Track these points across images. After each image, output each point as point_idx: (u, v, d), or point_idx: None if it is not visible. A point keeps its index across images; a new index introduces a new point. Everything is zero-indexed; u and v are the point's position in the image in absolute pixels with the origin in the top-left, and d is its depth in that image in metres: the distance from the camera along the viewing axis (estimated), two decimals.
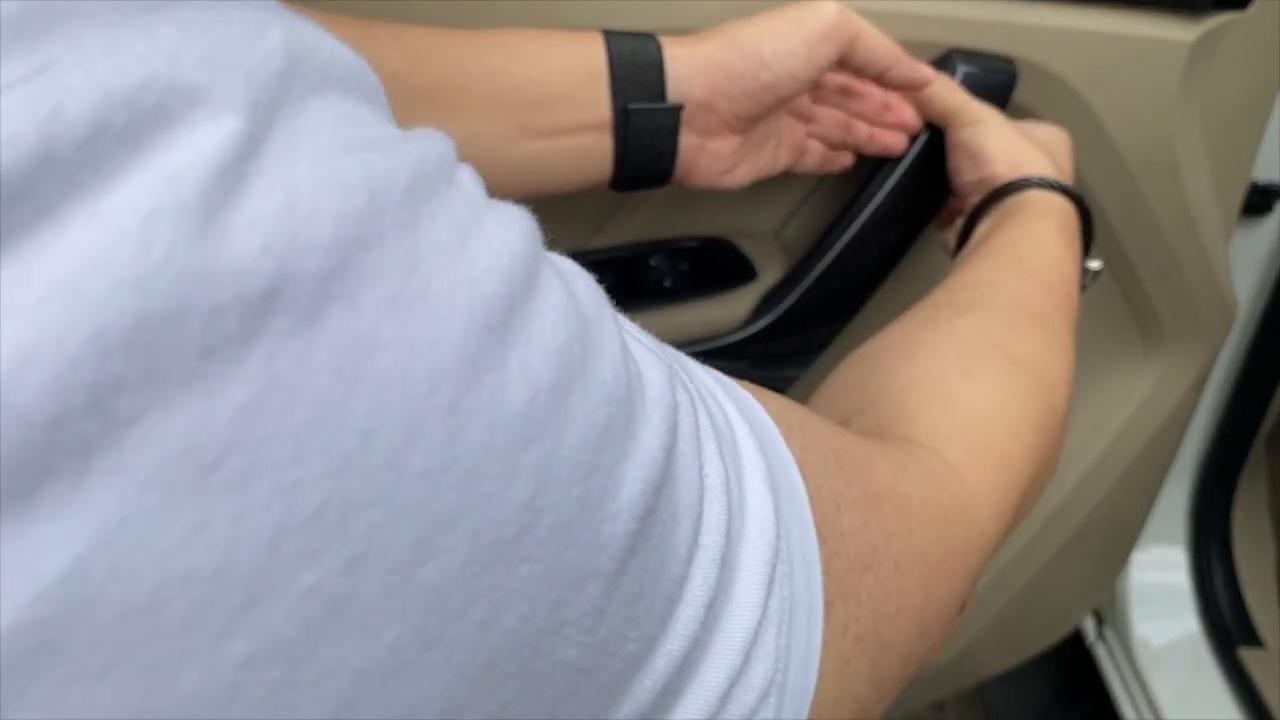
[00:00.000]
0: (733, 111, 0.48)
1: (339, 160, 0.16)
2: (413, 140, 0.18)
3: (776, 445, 0.25)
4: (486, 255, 0.17)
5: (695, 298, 0.60)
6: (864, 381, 0.39)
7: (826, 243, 0.58)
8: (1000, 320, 0.41)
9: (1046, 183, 0.51)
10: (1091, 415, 0.81)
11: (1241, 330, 0.94)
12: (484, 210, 0.18)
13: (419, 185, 0.17)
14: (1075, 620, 1.00)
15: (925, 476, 0.31)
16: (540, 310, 0.18)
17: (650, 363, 0.21)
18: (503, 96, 0.44)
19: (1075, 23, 0.59)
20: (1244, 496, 1.04)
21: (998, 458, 0.35)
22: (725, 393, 0.25)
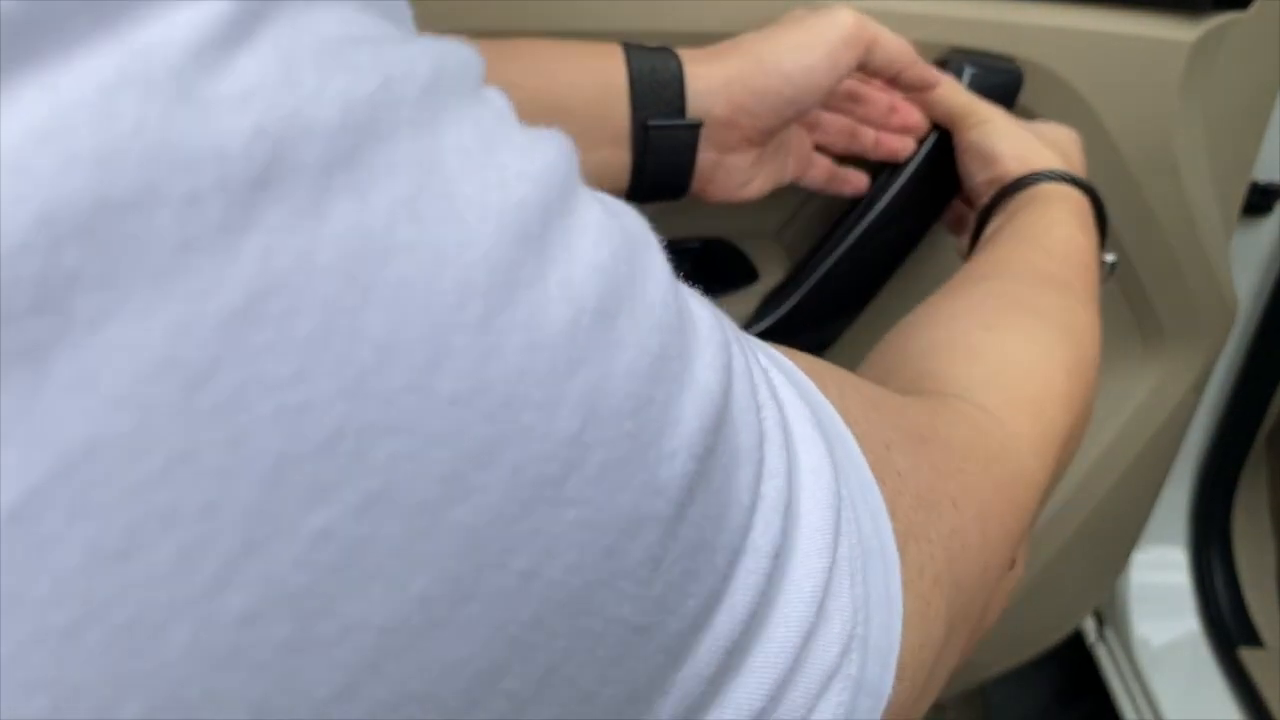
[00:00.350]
0: (755, 126, 0.48)
1: (349, 48, 0.14)
2: (434, 42, 0.16)
3: (815, 394, 0.24)
4: (518, 162, 0.16)
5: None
6: (883, 354, 0.38)
7: (829, 244, 0.58)
8: (1018, 286, 0.41)
9: (1057, 175, 0.51)
10: (1092, 415, 0.80)
11: (1242, 330, 0.94)
12: (513, 125, 0.17)
13: (440, 82, 0.15)
14: (1076, 621, 1.00)
15: (961, 420, 0.31)
16: (580, 226, 0.16)
17: (697, 301, 0.20)
18: (519, 109, 0.43)
19: (1076, 22, 0.59)
20: (1244, 497, 1.04)
21: (1031, 403, 0.34)
22: (749, 340, 0.24)
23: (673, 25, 0.51)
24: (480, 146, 0.15)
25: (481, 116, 0.16)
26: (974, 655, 0.94)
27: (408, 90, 0.14)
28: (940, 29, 0.57)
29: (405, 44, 0.15)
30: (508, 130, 0.17)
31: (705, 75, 0.46)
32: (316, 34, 0.14)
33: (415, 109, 0.15)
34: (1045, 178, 0.51)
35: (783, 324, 0.59)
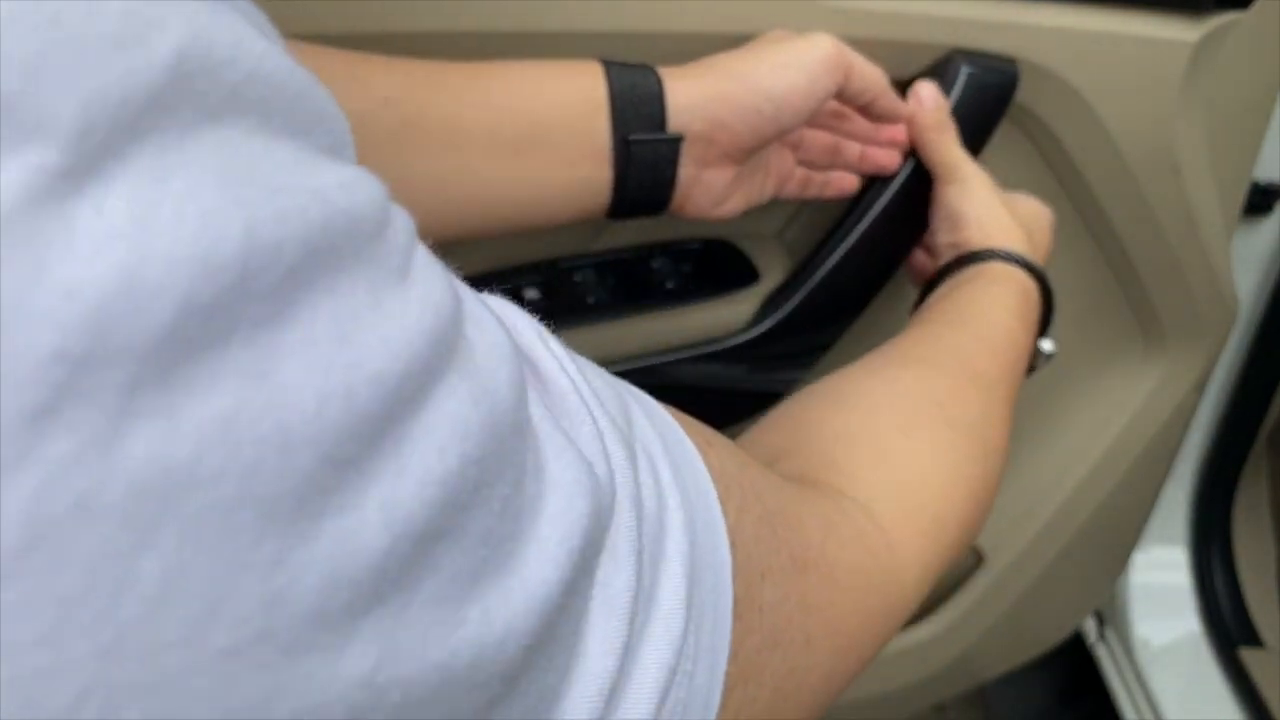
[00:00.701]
0: (734, 143, 0.48)
1: (217, 218, 0.13)
2: (325, 194, 0.15)
3: (710, 513, 0.24)
4: (375, 356, 0.14)
5: (697, 300, 0.60)
6: (798, 422, 0.38)
7: (830, 244, 0.58)
8: (943, 380, 0.41)
9: (1011, 257, 0.51)
10: (1093, 416, 0.80)
11: (1243, 330, 0.94)
12: (392, 285, 0.15)
13: (315, 254, 0.14)
14: (1076, 621, 1.00)
15: (854, 539, 0.31)
16: (430, 427, 0.15)
17: (564, 464, 0.18)
18: (498, 128, 0.43)
19: (1077, 23, 0.59)
20: (1245, 496, 1.04)
21: (929, 522, 0.35)
22: (666, 450, 0.23)
23: (646, 25, 0.51)
24: (333, 336, 0.14)
25: (352, 288, 0.15)
26: (975, 657, 0.94)
27: (266, 278, 0.13)
28: (941, 29, 0.57)
29: (287, 205, 0.14)
30: (379, 295, 0.15)
31: (685, 91, 0.46)
32: (179, 198, 0.12)
33: (266, 302, 0.13)
34: (1000, 257, 0.51)
35: (784, 325, 0.59)
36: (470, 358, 0.17)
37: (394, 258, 0.16)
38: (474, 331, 0.18)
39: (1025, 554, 0.84)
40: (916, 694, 0.91)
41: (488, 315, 0.19)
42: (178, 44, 0.13)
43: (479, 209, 0.44)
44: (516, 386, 0.18)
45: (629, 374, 0.58)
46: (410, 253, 0.17)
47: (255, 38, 0.15)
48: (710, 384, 0.61)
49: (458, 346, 0.17)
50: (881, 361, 0.43)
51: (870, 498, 0.33)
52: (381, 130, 0.40)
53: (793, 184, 0.56)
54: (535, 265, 0.59)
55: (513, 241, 0.58)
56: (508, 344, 0.19)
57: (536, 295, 0.58)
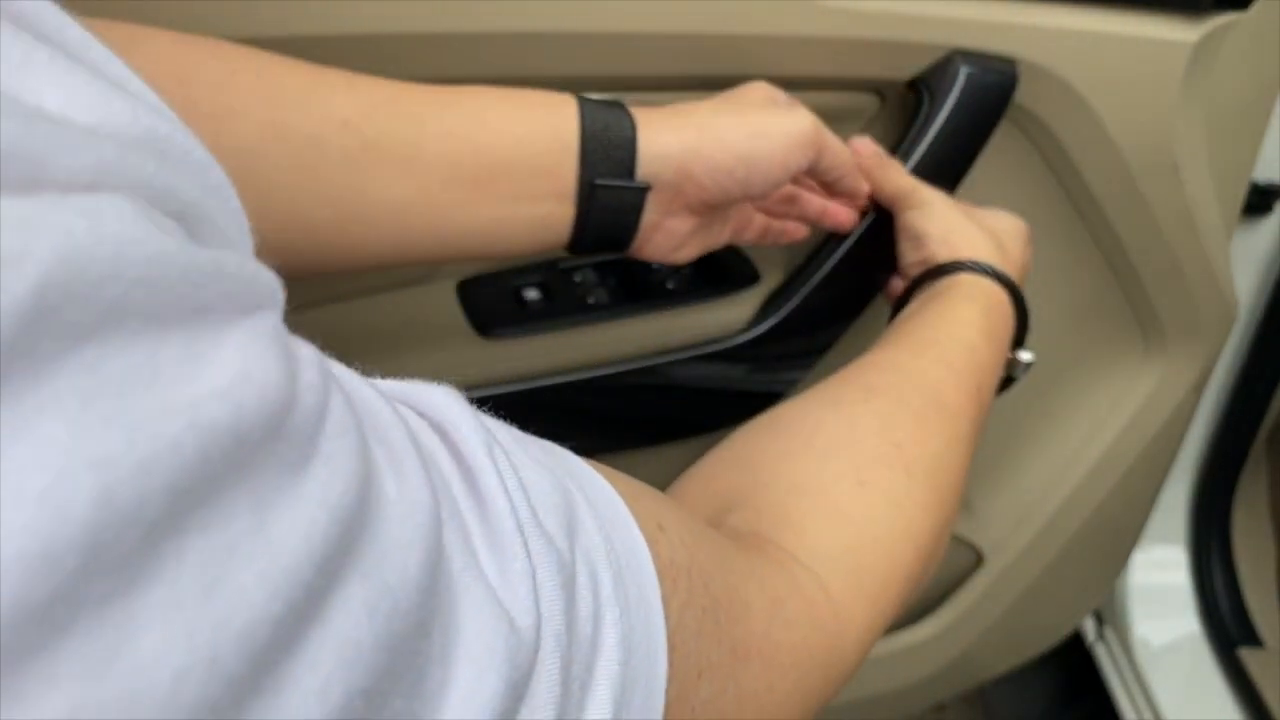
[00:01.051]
0: (699, 197, 0.48)
1: (60, 492, 0.12)
2: (206, 412, 0.14)
3: (650, 622, 0.24)
4: (248, 603, 0.13)
5: (698, 301, 0.60)
6: (755, 462, 0.38)
7: (830, 246, 0.58)
8: (905, 416, 0.41)
9: (979, 267, 0.51)
10: (1092, 416, 0.81)
11: (1242, 330, 0.94)
12: (284, 490, 0.15)
13: (179, 502, 0.13)
14: (1076, 621, 1.00)
15: (801, 615, 0.31)
16: (313, 664, 0.14)
17: (481, 626, 0.18)
18: (459, 159, 0.42)
19: (1076, 23, 0.59)
20: (1244, 496, 1.05)
21: (877, 585, 0.35)
22: (610, 554, 0.23)
23: (644, 26, 0.51)
24: (200, 588, 0.13)
25: (230, 521, 0.14)
26: (975, 656, 0.94)
27: (120, 546, 0.12)
28: (940, 30, 0.57)
29: (167, 415, 0.13)
30: (265, 515, 0.14)
31: (659, 140, 0.45)
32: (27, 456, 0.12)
33: (119, 572, 0.12)
34: (966, 268, 0.51)
35: (783, 326, 0.60)
36: (375, 549, 0.16)
37: (291, 452, 0.15)
38: (388, 500, 0.17)
39: (1025, 554, 0.84)
40: (916, 693, 0.92)
41: (412, 460, 0.19)
42: (39, 279, 0.12)
43: (435, 238, 0.43)
44: (428, 569, 0.17)
45: (629, 374, 0.59)
46: (317, 431, 0.16)
47: (146, 237, 0.14)
48: (710, 384, 0.61)
49: (360, 542, 0.16)
50: (844, 393, 0.42)
51: (819, 560, 0.34)
52: (339, 153, 0.40)
53: (752, 231, 0.55)
54: (535, 265, 0.59)
55: None
56: (426, 506, 0.18)
57: (536, 295, 0.59)
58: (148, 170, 0.15)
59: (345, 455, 0.16)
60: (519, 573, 0.20)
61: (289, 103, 0.39)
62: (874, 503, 0.37)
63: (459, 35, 0.48)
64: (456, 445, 0.21)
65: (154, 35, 0.38)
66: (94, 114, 0.15)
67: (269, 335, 0.16)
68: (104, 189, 0.14)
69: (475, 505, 0.21)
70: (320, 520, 0.15)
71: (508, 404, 0.57)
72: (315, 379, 0.16)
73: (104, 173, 0.14)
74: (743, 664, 0.28)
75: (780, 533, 0.34)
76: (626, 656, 0.23)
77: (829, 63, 0.56)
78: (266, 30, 0.44)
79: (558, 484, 0.23)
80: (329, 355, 0.19)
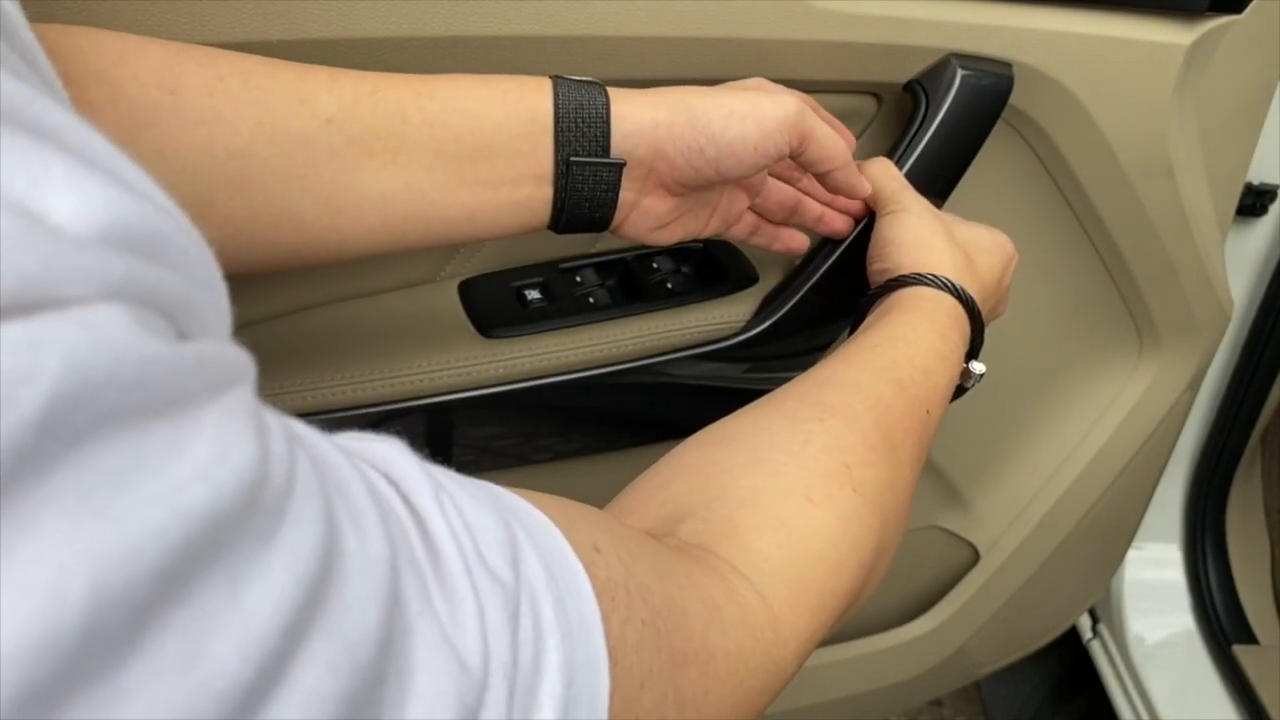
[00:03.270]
0: (672, 177, 0.48)
1: (60, 583, 0.13)
2: (188, 495, 0.15)
3: (591, 644, 0.25)
4: (226, 670, 0.14)
5: (697, 300, 0.60)
6: (707, 473, 0.39)
7: (828, 247, 0.59)
8: (856, 438, 0.41)
9: (937, 281, 0.51)
10: (1088, 414, 0.81)
11: (1237, 330, 0.95)
12: (256, 562, 0.16)
13: (163, 584, 0.14)
14: (1071, 618, 1.00)
15: (738, 622, 0.32)
16: None
17: (433, 671, 0.20)
18: (441, 146, 0.43)
19: (1072, 26, 0.59)
20: (1239, 495, 1.05)
21: (817, 598, 0.36)
22: (550, 581, 0.25)
23: (642, 30, 0.51)
24: (182, 660, 0.14)
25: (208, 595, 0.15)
26: (971, 652, 0.95)
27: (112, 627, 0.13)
28: (936, 33, 0.57)
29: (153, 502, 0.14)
30: (239, 587, 0.15)
31: (632, 116, 0.46)
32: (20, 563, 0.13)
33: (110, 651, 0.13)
34: (926, 282, 0.51)
35: (782, 325, 0.60)
36: (338, 606, 0.17)
37: (262, 523, 0.16)
38: (349, 554, 0.18)
39: (1020, 551, 0.85)
40: (912, 689, 0.92)
41: (371, 515, 0.20)
42: (50, 391, 0.13)
43: (422, 225, 0.44)
44: (385, 620, 0.19)
45: (629, 373, 0.59)
46: (285, 498, 0.17)
47: (140, 344, 0.15)
48: (709, 383, 0.61)
49: (324, 602, 0.17)
50: (800, 409, 0.42)
51: (761, 573, 0.34)
52: (326, 151, 0.41)
53: (741, 228, 0.56)
54: (535, 265, 0.60)
55: (513, 241, 0.58)
56: (384, 559, 0.19)
57: (537, 296, 0.59)
58: (147, 278, 0.16)
59: (310, 520, 0.17)
60: (468, 613, 0.21)
61: (276, 105, 0.40)
62: (821, 519, 0.37)
63: (461, 39, 0.48)
64: (406, 496, 0.23)
65: (144, 45, 0.39)
66: (106, 218, 0.16)
67: (243, 411, 0.17)
68: (102, 300, 0.15)
69: (426, 551, 0.22)
70: (289, 588, 0.16)
71: (508, 404, 0.58)
72: (282, 450, 0.18)
73: (105, 285, 0.15)
74: (681, 669, 0.29)
75: (725, 545, 0.35)
76: (570, 678, 0.24)
77: (826, 66, 0.56)
78: (263, 35, 0.45)
79: (500, 519, 0.25)
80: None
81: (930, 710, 1.29)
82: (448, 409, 0.55)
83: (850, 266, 0.58)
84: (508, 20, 0.49)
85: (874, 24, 0.55)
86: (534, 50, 0.50)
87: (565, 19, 0.50)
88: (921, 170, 0.58)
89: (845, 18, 0.54)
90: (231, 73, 0.39)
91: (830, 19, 0.54)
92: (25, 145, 0.15)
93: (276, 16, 0.45)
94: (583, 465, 0.62)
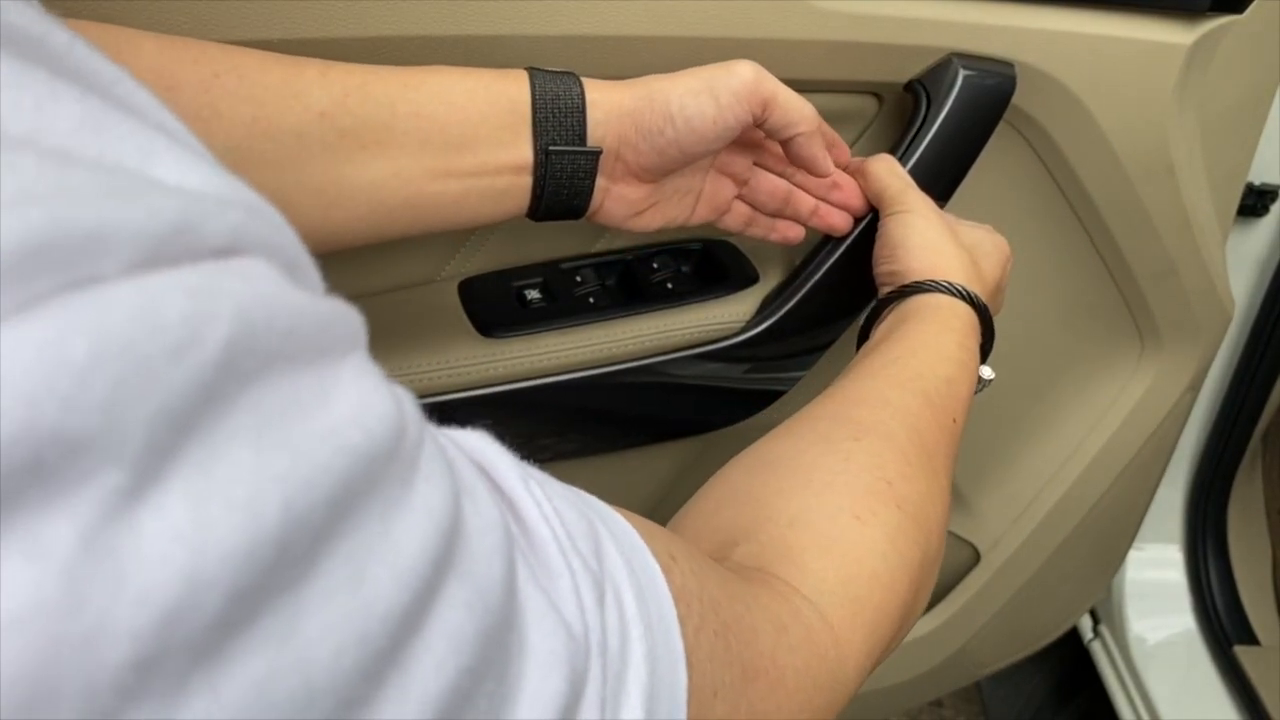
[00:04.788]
0: (638, 162, 0.48)
1: (258, 499, 0.14)
2: (344, 436, 0.16)
3: (670, 640, 0.25)
4: (387, 590, 0.16)
5: (698, 300, 0.60)
6: (755, 497, 0.39)
7: (829, 245, 0.59)
8: (893, 454, 0.41)
9: (953, 289, 0.51)
10: (1089, 415, 0.81)
11: (1238, 331, 0.95)
12: (400, 503, 0.17)
13: (342, 508, 0.16)
14: (1072, 618, 1.00)
15: (804, 641, 0.33)
16: (430, 645, 0.17)
17: (544, 632, 0.21)
18: (428, 137, 0.44)
19: (1073, 26, 0.59)
20: (1240, 495, 1.05)
21: (873, 614, 0.36)
22: (632, 577, 0.25)
23: (641, 30, 0.51)
24: (349, 582, 0.16)
25: (366, 528, 0.16)
26: (972, 652, 0.95)
27: (297, 547, 0.15)
28: (938, 32, 0.57)
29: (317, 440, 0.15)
30: (390, 524, 0.17)
31: (602, 104, 0.47)
32: (226, 483, 0.14)
33: (295, 566, 0.15)
34: (941, 289, 0.51)
35: (783, 325, 0.60)
36: (467, 554, 0.19)
37: (403, 470, 0.18)
38: (470, 514, 0.20)
39: (1021, 551, 0.85)
40: (913, 689, 0.92)
41: (480, 487, 0.21)
42: (228, 333, 0.14)
43: (409, 214, 0.45)
44: (508, 574, 0.20)
45: (629, 373, 0.59)
46: (418, 453, 0.18)
47: (287, 293, 0.16)
48: (710, 383, 0.61)
49: (456, 548, 0.18)
50: (835, 430, 0.43)
51: (820, 593, 0.35)
52: (319, 144, 0.42)
53: (734, 219, 0.56)
54: (536, 266, 0.60)
55: (513, 242, 0.58)
56: (499, 523, 0.21)
57: (537, 295, 0.59)
58: (265, 232, 0.17)
59: (439, 475, 0.19)
60: (566, 589, 0.22)
61: (271, 101, 0.41)
62: (870, 537, 0.38)
63: (462, 38, 0.48)
64: (496, 482, 0.24)
65: (139, 40, 0.39)
66: (218, 186, 0.17)
67: (369, 371, 0.18)
68: (241, 253, 0.16)
69: (521, 531, 0.23)
70: (428, 529, 0.18)
71: (508, 403, 0.58)
72: (412, 410, 0.19)
73: (239, 237, 0.16)
74: (752, 684, 0.29)
75: (781, 566, 0.36)
76: (653, 668, 0.24)
77: (827, 65, 0.56)
78: (262, 34, 0.45)
79: (582, 514, 0.26)
80: None
81: (930, 710, 1.29)
82: (447, 409, 0.55)
83: (852, 266, 0.58)
84: (508, 19, 0.49)
85: (874, 23, 0.55)
86: (534, 49, 0.50)
87: (565, 18, 0.50)
88: (923, 171, 0.58)
89: (845, 17, 0.54)
90: (226, 69, 0.40)
91: (830, 18, 0.54)
92: (146, 129, 0.16)
93: (275, 16, 0.45)
94: (583, 465, 0.62)
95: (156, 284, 0.14)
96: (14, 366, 0.12)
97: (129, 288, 0.14)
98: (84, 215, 0.14)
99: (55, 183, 0.14)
